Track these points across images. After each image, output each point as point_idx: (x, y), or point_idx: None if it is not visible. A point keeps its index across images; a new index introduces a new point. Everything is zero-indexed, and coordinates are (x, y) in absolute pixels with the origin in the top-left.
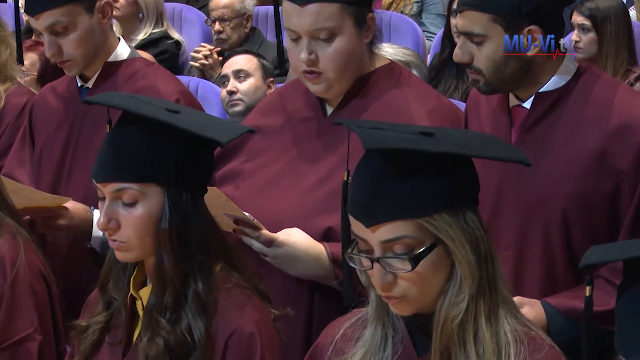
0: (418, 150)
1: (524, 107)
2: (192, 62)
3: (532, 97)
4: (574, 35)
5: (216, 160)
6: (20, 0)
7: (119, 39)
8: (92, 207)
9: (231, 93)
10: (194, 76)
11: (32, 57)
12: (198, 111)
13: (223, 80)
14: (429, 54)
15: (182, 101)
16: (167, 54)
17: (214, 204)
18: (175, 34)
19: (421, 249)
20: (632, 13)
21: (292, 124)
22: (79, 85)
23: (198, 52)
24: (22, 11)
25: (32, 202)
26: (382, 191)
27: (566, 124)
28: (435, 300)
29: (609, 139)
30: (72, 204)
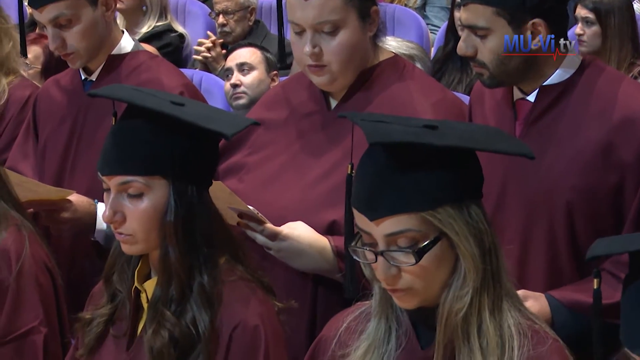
0: (422, 144)
1: (528, 100)
2: (195, 56)
3: (536, 90)
4: (577, 29)
5: (220, 153)
6: None
7: (123, 31)
8: (95, 200)
9: (235, 86)
10: (197, 69)
11: (36, 50)
12: (203, 104)
13: (227, 73)
14: (432, 47)
15: (185, 94)
16: (171, 47)
17: (218, 198)
18: (179, 27)
19: (425, 243)
20: (637, 6)
21: (296, 117)
22: (83, 78)
23: (201, 44)
24: (25, 4)
25: (36, 194)
26: (386, 184)
27: (570, 117)
28: (439, 294)
29: (613, 132)
30: (76, 197)
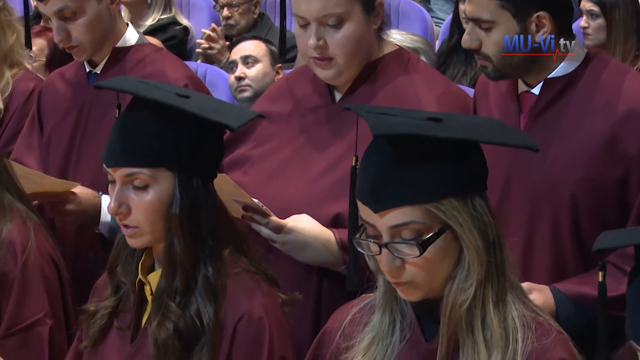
0: (426, 136)
1: (532, 93)
2: (198, 50)
3: (541, 83)
4: (582, 22)
5: (224, 146)
6: None
7: (127, 24)
8: (100, 193)
9: (239, 79)
10: (197, 61)
11: (41, 43)
12: (207, 96)
13: (231, 66)
14: (437, 39)
15: (190, 87)
16: (175, 39)
17: (222, 190)
18: (184, 19)
19: (429, 235)
20: None
21: (300, 110)
22: (87, 70)
23: (210, 38)
24: None
25: (41, 187)
26: (390, 177)
27: (575, 109)
28: (443, 286)
29: (618, 125)
30: (81, 189)
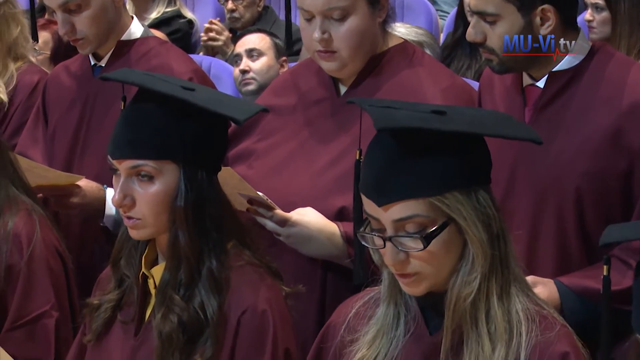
0: (430, 129)
1: (537, 86)
2: (202, 43)
3: (546, 76)
4: (587, 15)
5: (229, 140)
6: None
7: (132, 17)
8: (104, 185)
9: (244, 72)
10: (200, 53)
11: (45, 36)
12: (212, 89)
13: (236, 59)
14: (442, 33)
15: (195, 80)
16: (180, 33)
17: (227, 184)
18: (188, 12)
19: (433, 228)
20: None
21: (305, 103)
22: (92, 63)
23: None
24: None
25: (46, 180)
26: (394, 170)
27: (579, 103)
28: (447, 279)
29: (623, 118)
30: (85, 182)
